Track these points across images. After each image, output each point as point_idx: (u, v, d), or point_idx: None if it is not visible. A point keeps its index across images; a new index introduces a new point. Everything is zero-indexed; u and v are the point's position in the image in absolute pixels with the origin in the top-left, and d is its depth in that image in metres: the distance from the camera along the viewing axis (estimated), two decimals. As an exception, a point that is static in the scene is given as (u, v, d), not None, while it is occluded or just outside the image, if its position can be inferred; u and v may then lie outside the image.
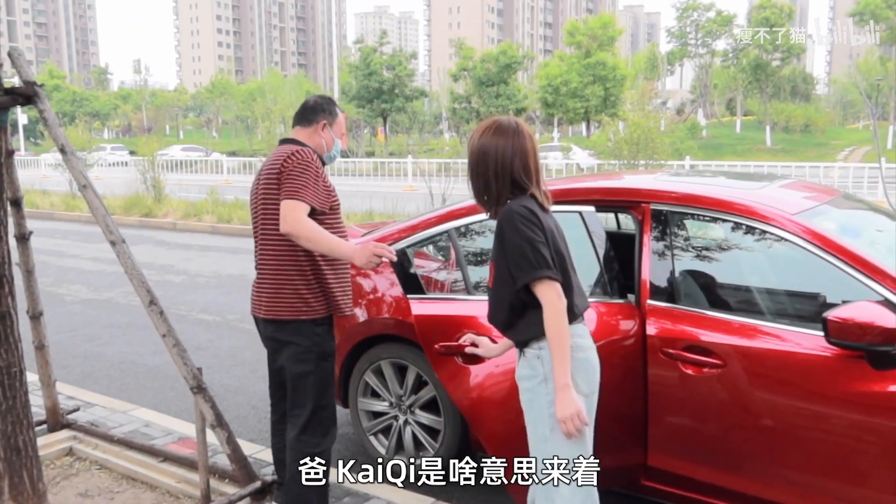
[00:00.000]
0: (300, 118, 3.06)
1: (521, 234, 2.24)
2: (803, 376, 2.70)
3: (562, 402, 2.21)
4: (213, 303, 7.97)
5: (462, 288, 3.45)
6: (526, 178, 2.32)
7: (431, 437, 3.70)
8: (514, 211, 2.27)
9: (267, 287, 2.91)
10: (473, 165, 2.37)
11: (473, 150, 2.36)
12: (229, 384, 5.35)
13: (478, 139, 2.35)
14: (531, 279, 2.23)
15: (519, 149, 2.32)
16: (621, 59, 54.06)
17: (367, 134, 59.50)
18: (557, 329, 2.21)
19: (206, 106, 77.55)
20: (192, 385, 3.16)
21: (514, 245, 2.25)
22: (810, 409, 2.70)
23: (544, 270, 2.22)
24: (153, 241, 13.04)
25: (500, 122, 2.36)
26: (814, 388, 2.68)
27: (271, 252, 2.90)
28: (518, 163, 2.31)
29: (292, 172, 2.79)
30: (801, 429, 2.72)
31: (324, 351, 2.97)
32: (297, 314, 2.88)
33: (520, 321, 2.34)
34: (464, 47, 51.94)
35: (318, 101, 3.09)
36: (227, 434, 3.22)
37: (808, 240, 2.82)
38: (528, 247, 2.23)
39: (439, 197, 12.48)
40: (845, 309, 2.52)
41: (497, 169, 2.31)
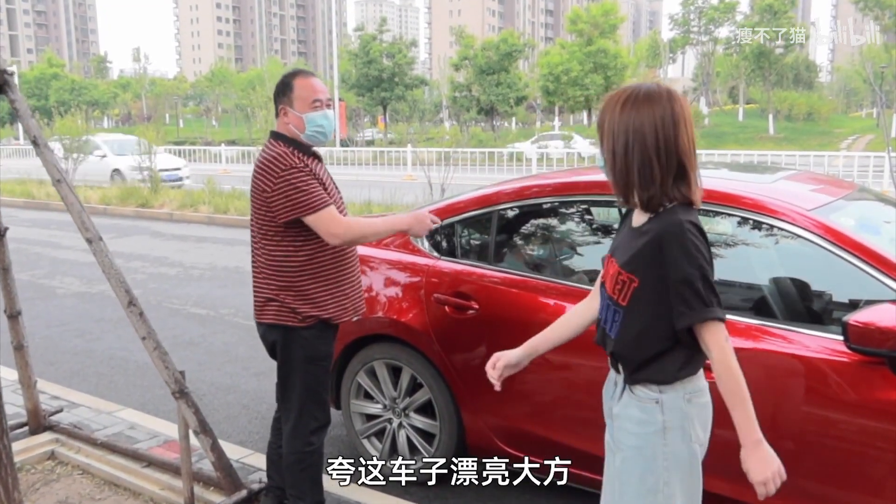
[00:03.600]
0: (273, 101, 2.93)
1: (692, 262, 1.83)
2: (820, 381, 2.55)
3: (761, 460, 1.84)
4: (208, 296, 7.82)
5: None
6: (691, 157, 1.90)
7: (427, 442, 3.55)
8: (685, 228, 1.84)
9: (256, 290, 2.91)
10: (623, 146, 1.89)
11: (620, 128, 1.89)
12: (221, 382, 5.20)
13: (621, 113, 1.89)
14: (700, 320, 1.85)
15: (682, 118, 1.88)
16: (623, 47, 53.67)
17: (367, 122, 59.21)
18: (736, 379, 1.84)
19: (206, 94, 77.24)
20: (174, 390, 3.00)
21: (684, 274, 1.83)
22: (828, 416, 2.55)
23: (716, 310, 1.84)
24: (149, 233, 12.88)
25: (647, 89, 1.90)
26: (832, 395, 2.53)
27: (261, 259, 2.86)
28: (684, 137, 1.87)
29: (284, 188, 2.69)
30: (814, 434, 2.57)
31: (311, 355, 2.90)
32: (283, 320, 2.85)
33: (661, 359, 1.94)
34: (464, 35, 51.57)
35: (276, 86, 2.90)
36: (212, 441, 3.08)
37: (823, 236, 2.66)
38: (699, 280, 1.83)
39: (438, 187, 12.30)
40: (866, 312, 2.36)
41: (659, 146, 1.85)
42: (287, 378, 2.93)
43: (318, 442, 2.99)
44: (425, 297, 3.43)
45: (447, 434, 3.43)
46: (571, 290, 3.12)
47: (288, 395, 2.95)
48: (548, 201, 3.47)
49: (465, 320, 3.30)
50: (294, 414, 2.93)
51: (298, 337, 2.84)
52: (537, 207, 3.51)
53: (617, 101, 1.92)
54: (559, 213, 3.52)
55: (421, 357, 3.44)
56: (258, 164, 2.78)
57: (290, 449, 2.97)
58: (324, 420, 3.00)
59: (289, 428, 2.96)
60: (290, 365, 2.90)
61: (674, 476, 1.96)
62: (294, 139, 2.84)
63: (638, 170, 1.88)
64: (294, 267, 2.80)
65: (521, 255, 3.54)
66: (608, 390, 2.13)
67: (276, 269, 2.81)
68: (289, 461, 2.99)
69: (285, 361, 2.91)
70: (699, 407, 1.97)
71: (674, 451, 1.95)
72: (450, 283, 3.39)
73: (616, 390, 2.07)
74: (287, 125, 2.84)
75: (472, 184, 5.82)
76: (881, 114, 17.95)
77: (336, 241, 2.73)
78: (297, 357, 2.88)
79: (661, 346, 1.93)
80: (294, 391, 2.91)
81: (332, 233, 2.71)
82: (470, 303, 3.29)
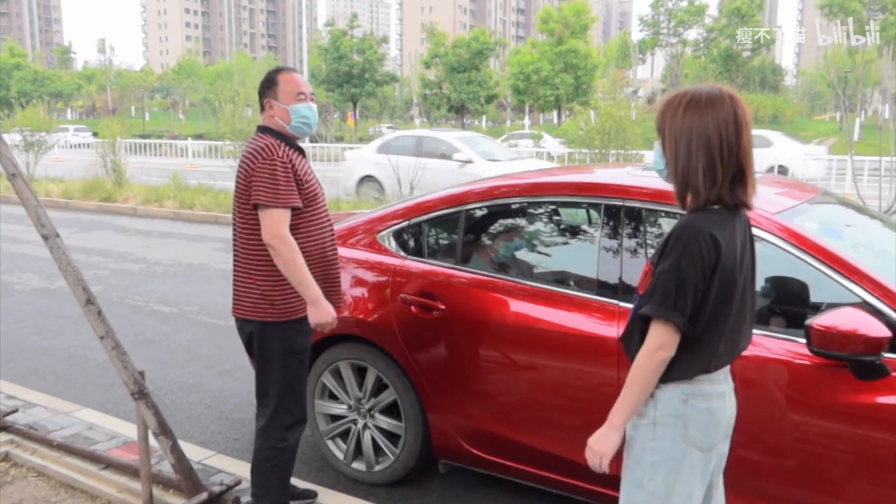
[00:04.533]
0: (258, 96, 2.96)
1: (683, 263, 1.85)
2: (783, 384, 2.57)
3: (602, 435, 1.98)
4: (171, 293, 7.69)
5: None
6: (751, 159, 1.92)
7: (392, 443, 3.52)
8: (700, 235, 1.85)
9: (235, 283, 2.89)
10: (686, 149, 1.89)
11: (683, 131, 1.90)
12: (183, 381, 5.11)
13: (683, 116, 1.90)
14: (654, 314, 1.89)
15: (744, 121, 1.90)
16: (593, 47, 54.05)
17: (337, 118, 58.86)
18: (640, 378, 1.92)
19: (173, 87, 76.21)
20: (133, 391, 2.93)
21: (668, 267, 1.87)
22: (791, 419, 2.57)
23: (671, 313, 1.87)
24: (112, 227, 12.64)
25: (709, 92, 1.92)
26: (794, 398, 2.55)
27: (240, 251, 2.86)
28: (745, 140, 1.90)
29: (261, 174, 2.72)
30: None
31: (289, 348, 2.90)
32: (263, 316, 2.83)
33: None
34: (435, 32, 51.56)
35: (261, 83, 2.94)
36: (172, 442, 3.01)
37: (787, 240, 2.68)
38: (675, 280, 1.86)
39: (407, 184, 12.24)
40: (828, 316, 2.38)
41: (723, 149, 1.87)
42: (264, 372, 2.91)
43: (293, 439, 2.98)
44: (391, 297, 3.40)
45: (412, 435, 3.40)
46: (539, 292, 3.11)
47: (265, 390, 2.93)
48: (517, 201, 3.45)
49: (431, 321, 3.28)
50: (270, 408, 2.92)
51: (277, 330, 2.84)
52: (506, 208, 3.50)
53: (678, 104, 1.92)
54: (528, 214, 3.51)
55: (386, 357, 3.41)
56: (245, 155, 2.79)
57: (263, 444, 2.94)
58: (300, 415, 3.00)
59: (263, 423, 2.94)
60: (268, 358, 2.88)
61: (659, 472, 1.97)
62: (280, 132, 2.86)
63: (703, 172, 1.88)
64: (268, 261, 2.79)
65: (488, 256, 3.52)
66: None
67: (255, 261, 2.81)
68: (258, 458, 2.96)
69: (263, 355, 2.88)
70: (697, 410, 1.96)
71: (661, 447, 1.97)
72: (416, 284, 3.36)
73: None
74: (273, 118, 2.86)
75: (442, 182, 5.79)
76: (844, 118, 18.31)
77: (268, 240, 2.70)
78: (275, 350, 2.86)
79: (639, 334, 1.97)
80: (272, 385, 2.90)
81: (273, 233, 2.69)
82: (436, 303, 3.27)
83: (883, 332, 2.30)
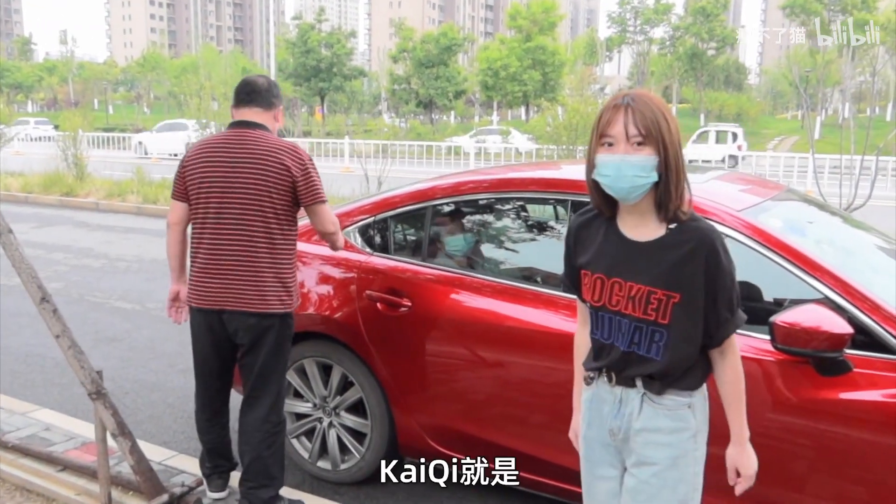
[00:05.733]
0: (257, 98, 3.00)
1: (733, 269, 1.87)
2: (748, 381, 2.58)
3: (750, 457, 1.98)
4: (133, 289, 7.55)
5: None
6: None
7: (357, 441, 3.48)
8: (720, 235, 1.88)
9: (259, 280, 2.89)
10: (676, 153, 1.83)
11: (676, 134, 1.84)
12: (145, 380, 5.01)
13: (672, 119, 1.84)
14: (740, 326, 1.91)
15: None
16: (561, 44, 54.31)
17: (305, 113, 58.41)
18: (743, 382, 1.96)
19: (137, 80, 74.98)
20: (90, 391, 2.86)
21: (731, 281, 1.87)
22: (756, 414, 2.58)
23: (744, 316, 1.92)
24: (73, 222, 12.38)
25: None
26: (759, 394, 2.56)
27: (267, 246, 2.90)
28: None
29: (315, 172, 2.95)
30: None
31: (291, 336, 3.12)
32: (287, 307, 2.97)
33: (693, 366, 1.93)
34: (404, 27, 51.39)
35: (273, 84, 3.08)
36: (131, 443, 2.94)
37: (751, 237, 2.70)
38: (735, 286, 1.88)
39: (375, 180, 12.17)
40: (791, 313, 2.40)
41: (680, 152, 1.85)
42: (272, 361, 3.00)
43: (285, 420, 3.19)
44: (357, 293, 3.36)
45: (378, 433, 3.37)
46: (506, 288, 3.09)
47: (268, 378, 3.01)
48: (484, 197, 3.43)
49: (397, 318, 3.24)
50: (273, 396, 3.04)
51: (291, 319, 3.04)
52: (473, 203, 3.47)
53: (665, 107, 1.84)
54: (495, 210, 3.49)
55: (352, 355, 3.37)
56: (274, 150, 2.88)
57: (269, 428, 3.02)
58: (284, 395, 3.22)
59: (265, 409, 3.01)
60: (282, 347, 3.02)
61: (699, 480, 1.98)
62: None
63: (684, 177, 1.84)
64: (291, 253, 3.00)
65: (455, 252, 3.50)
66: (605, 411, 1.99)
67: (283, 254, 2.94)
68: (262, 447, 3.00)
69: (278, 345, 2.99)
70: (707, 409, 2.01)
71: (702, 454, 1.97)
72: (382, 280, 3.33)
73: (627, 407, 1.95)
74: (277, 125, 3.08)
75: (410, 177, 5.76)
76: (806, 116, 18.64)
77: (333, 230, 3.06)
78: (287, 338, 3.05)
79: (696, 354, 1.92)
80: (277, 373, 3.05)
81: (334, 222, 3.07)
82: (402, 300, 3.23)
83: (845, 329, 2.32)
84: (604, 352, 1.98)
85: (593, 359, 2.03)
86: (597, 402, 2.02)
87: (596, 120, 1.88)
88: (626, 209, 1.90)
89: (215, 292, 2.89)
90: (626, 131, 1.79)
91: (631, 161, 1.78)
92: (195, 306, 2.97)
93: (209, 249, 2.90)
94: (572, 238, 2.04)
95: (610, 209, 1.94)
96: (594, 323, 1.99)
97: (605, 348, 1.97)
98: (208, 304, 2.91)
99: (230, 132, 2.95)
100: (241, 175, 2.83)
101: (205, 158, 2.90)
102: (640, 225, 1.89)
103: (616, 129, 1.81)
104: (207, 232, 2.90)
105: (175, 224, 3.03)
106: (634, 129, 1.78)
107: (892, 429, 2.38)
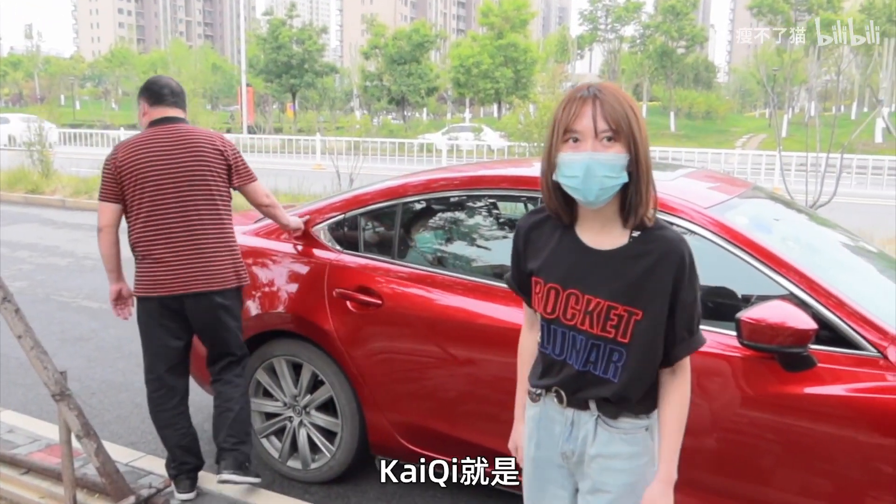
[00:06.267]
0: (178, 100, 3.19)
1: (698, 284, 1.74)
2: (715, 377, 2.61)
3: (667, 497, 1.74)
4: (101, 288, 7.41)
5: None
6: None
7: (328, 440, 3.46)
8: (689, 247, 1.72)
9: (216, 258, 3.10)
10: (646, 153, 1.67)
11: (645, 132, 1.68)
12: (112, 379, 4.94)
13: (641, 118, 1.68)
14: (699, 347, 1.76)
15: None
16: (533, 41, 54.50)
17: (276, 110, 57.98)
18: (687, 409, 1.77)
19: (105, 75, 73.84)
20: (53, 392, 2.81)
21: (695, 297, 1.73)
22: (722, 410, 2.62)
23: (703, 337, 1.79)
24: (39, 220, 12.16)
25: None
26: (726, 390, 2.59)
27: (218, 225, 3.11)
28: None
29: (240, 155, 3.23)
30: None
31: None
32: (243, 279, 3.23)
33: (651, 387, 1.79)
34: (376, 24, 51.23)
35: (182, 92, 3.23)
36: (97, 445, 2.90)
37: (718, 234, 2.73)
38: (698, 305, 1.75)
39: (347, 177, 12.10)
40: (757, 309, 2.42)
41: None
42: (235, 332, 3.24)
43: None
44: (327, 291, 3.33)
45: (349, 432, 3.35)
46: (477, 286, 3.09)
47: (237, 344, 3.27)
48: (455, 195, 3.43)
49: (367, 316, 3.23)
50: (241, 359, 3.30)
51: (242, 291, 3.26)
52: (444, 201, 3.47)
53: (632, 100, 1.66)
54: (467, 207, 3.48)
55: (322, 353, 3.35)
56: (206, 136, 3.13)
57: (244, 390, 3.31)
58: None
59: (237, 374, 3.27)
60: (239, 318, 3.26)
61: None
62: None
63: (652, 179, 1.69)
64: (233, 231, 3.23)
65: (426, 250, 3.49)
66: (556, 431, 1.84)
67: (228, 234, 3.17)
68: (244, 400, 3.28)
69: (237, 314, 3.25)
70: None
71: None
72: (353, 278, 3.31)
73: (581, 431, 1.80)
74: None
75: (382, 174, 5.74)
76: (773, 114, 18.92)
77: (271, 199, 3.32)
78: (241, 309, 3.29)
79: (655, 375, 1.78)
80: (239, 339, 3.28)
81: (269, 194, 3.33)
82: (373, 298, 3.22)
83: (809, 325, 2.35)
84: (554, 369, 1.80)
85: (541, 374, 1.85)
86: (546, 421, 1.85)
87: (557, 113, 1.67)
88: (588, 214, 1.72)
89: (179, 279, 3.04)
90: (594, 126, 1.60)
91: (600, 159, 1.60)
92: (157, 295, 3.06)
93: (166, 240, 3.04)
94: (522, 239, 1.84)
95: (570, 215, 1.75)
96: (545, 336, 1.81)
97: (556, 365, 1.79)
98: (171, 290, 3.04)
99: (161, 128, 3.07)
100: (183, 165, 3.01)
101: (141, 157, 3.01)
102: (601, 232, 1.72)
103: (583, 123, 1.61)
104: (160, 224, 3.03)
105: (109, 227, 3.19)
106: (604, 123, 1.60)
107: (856, 423, 2.42)
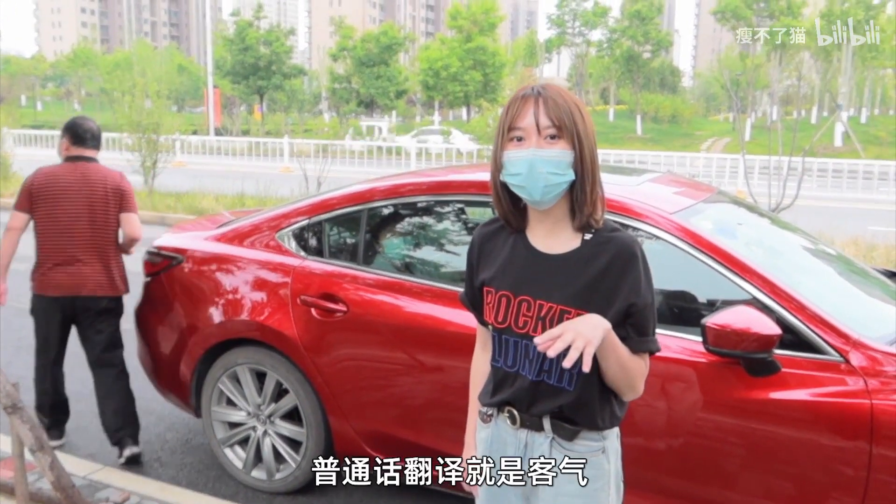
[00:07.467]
0: (96, 143, 3.81)
1: (652, 285, 1.69)
2: (681, 382, 2.61)
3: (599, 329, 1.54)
4: (61, 294, 7.25)
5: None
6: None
7: (293, 449, 3.40)
8: (642, 249, 1.69)
9: (106, 269, 3.75)
10: (591, 153, 1.66)
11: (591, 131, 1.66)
12: (71, 389, 4.75)
13: (587, 117, 1.65)
14: (656, 349, 1.71)
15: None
16: (501, 45, 54.72)
17: (244, 112, 57.43)
18: (639, 377, 1.72)
19: (68, 76, 72.57)
20: (5, 404, 2.71)
21: (650, 299, 1.67)
22: (688, 415, 2.62)
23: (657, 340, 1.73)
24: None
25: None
26: (692, 395, 2.60)
27: (109, 242, 3.77)
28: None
29: (132, 192, 3.87)
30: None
31: None
32: (125, 290, 3.87)
33: (608, 402, 1.72)
34: (344, 26, 51.04)
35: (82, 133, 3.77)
36: (51, 459, 2.80)
37: (683, 239, 2.74)
38: (652, 312, 1.69)
39: (315, 180, 12.01)
40: (722, 315, 2.43)
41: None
42: (118, 331, 3.90)
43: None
44: (291, 298, 3.28)
45: (314, 441, 3.30)
46: (444, 293, 3.06)
47: (118, 345, 3.90)
48: (422, 200, 3.39)
49: (332, 323, 3.18)
50: (121, 354, 3.92)
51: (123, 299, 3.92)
52: (411, 206, 3.43)
53: (578, 100, 1.66)
54: (434, 213, 3.46)
55: (286, 361, 3.29)
56: (110, 173, 3.80)
57: (125, 380, 3.89)
58: None
59: (119, 367, 3.88)
60: (119, 321, 3.91)
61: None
62: None
63: (599, 177, 1.67)
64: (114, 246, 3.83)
65: (393, 256, 3.45)
66: (509, 455, 1.75)
67: (117, 249, 3.81)
68: (126, 392, 3.87)
69: (118, 321, 3.90)
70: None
71: (617, 500, 1.78)
72: (317, 285, 3.26)
73: (535, 453, 1.72)
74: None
75: (351, 177, 5.68)
76: (737, 118, 19.27)
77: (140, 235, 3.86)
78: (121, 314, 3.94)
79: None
80: (119, 338, 3.91)
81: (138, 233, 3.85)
82: (338, 305, 3.17)
83: (774, 330, 2.37)
84: (507, 382, 1.73)
85: (493, 391, 1.77)
86: (498, 444, 1.77)
87: (503, 114, 1.67)
88: (537, 217, 1.70)
89: (73, 282, 3.67)
90: (537, 122, 1.60)
91: (544, 156, 1.59)
92: (51, 295, 3.68)
93: (66, 249, 3.65)
94: (476, 251, 1.80)
95: (519, 220, 1.73)
96: (497, 348, 1.74)
97: (509, 378, 1.72)
98: (64, 292, 3.67)
99: (77, 164, 3.72)
100: (90, 193, 3.67)
101: (58, 184, 3.66)
102: (551, 235, 1.70)
103: (526, 120, 1.61)
104: (63, 236, 3.65)
105: (17, 230, 3.70)
106: (547, 119, 1.60)
107: (819, 426, 2.44)
